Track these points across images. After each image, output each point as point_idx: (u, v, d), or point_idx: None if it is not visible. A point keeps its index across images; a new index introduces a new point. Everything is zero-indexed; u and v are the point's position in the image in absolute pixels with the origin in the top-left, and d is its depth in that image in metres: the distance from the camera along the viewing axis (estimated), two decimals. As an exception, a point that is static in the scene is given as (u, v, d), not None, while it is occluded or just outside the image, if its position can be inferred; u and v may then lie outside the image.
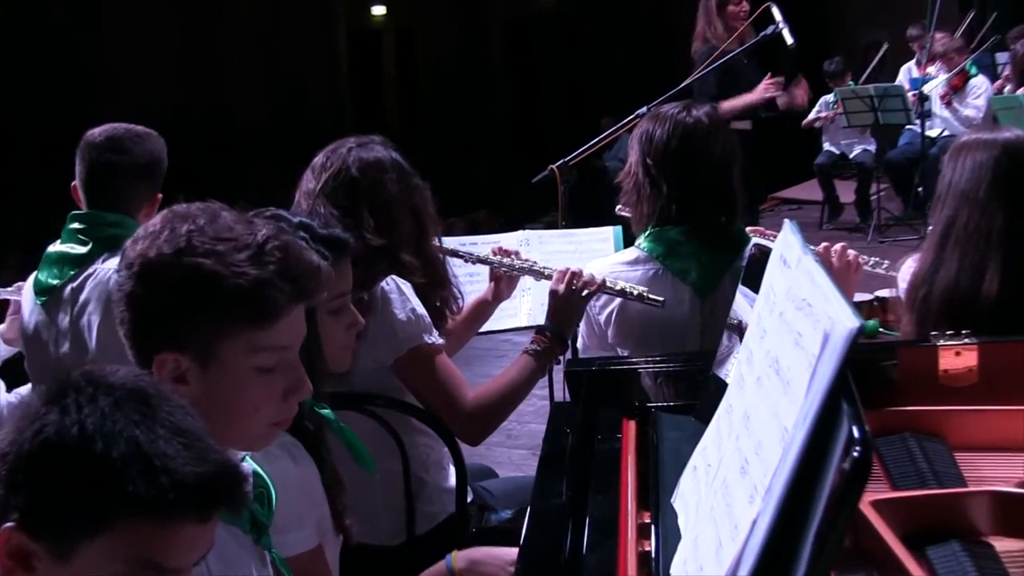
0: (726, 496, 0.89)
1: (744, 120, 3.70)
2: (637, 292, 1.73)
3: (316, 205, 1.65)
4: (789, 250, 0.97)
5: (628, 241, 2.00)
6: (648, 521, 1.06)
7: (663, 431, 1.23)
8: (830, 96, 6.43)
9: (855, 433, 0.71)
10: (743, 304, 1.19)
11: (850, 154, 6.56)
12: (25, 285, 1.98)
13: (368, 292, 1.61)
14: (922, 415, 1.21)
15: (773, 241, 1.09)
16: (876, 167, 6.37)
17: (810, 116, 6.45)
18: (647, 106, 2.20)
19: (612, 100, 6.44)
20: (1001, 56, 6.48)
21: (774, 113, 3.80)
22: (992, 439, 1.17)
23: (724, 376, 1.17)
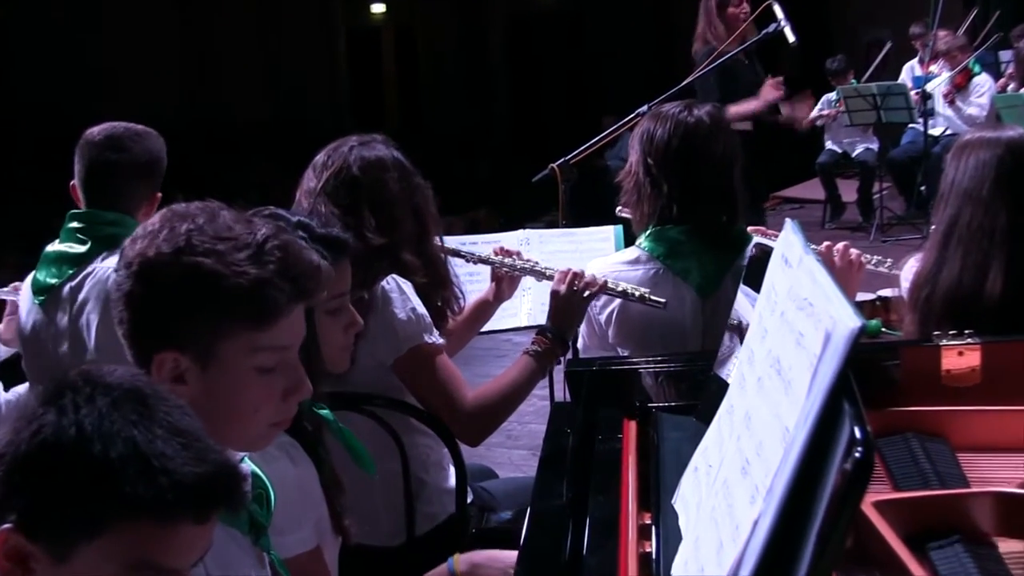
0: (727, 497, 0.89)
1: (745, 121, 3.69)
2: (639, 294, 1.72)
3: (317, 204, 1.64)
4: (791, 249, 0.97)
5: (629, 241, 1.99)
6: (649, 522, 1.06)
7: (664, 431, 1.23)
8: (832, 94, 6.41)
9: (857, 433, 0.71)
10: (744, 304, 1.18)
11: (852, 153, 6.55)
12: (22, 285, 1.97)
13: (368, 291, 1.61)
14: (924, 415, 1.20)
15: (774, 240, 1.09)
16: (878, 166, 6.37)
17: (812, 114, 6.44)
18: (648, 105, 2.19)
19: (613, 98, 6.42)
20: (1004, 54, 6.47)
21: (774, 118, 3.79)
22: (995, 440, 1.17)
23: (725, 376, 1.17)
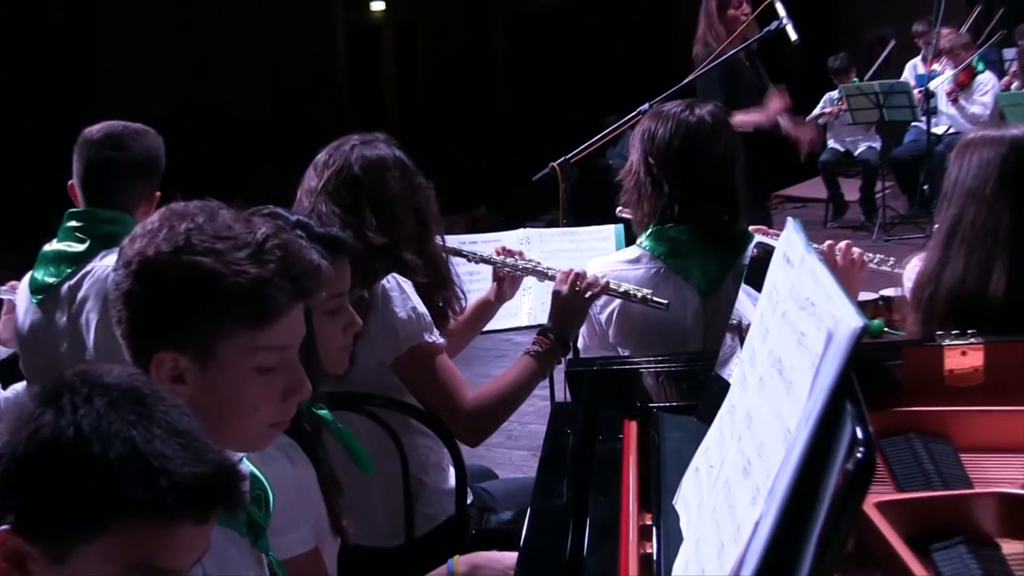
0: (728, 497, 0.88)
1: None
2: (641, 295, 1.71)
3: (318, 203, 1.63)
4: (792, 248, 0.97)
5: (630, 240, 1.98)
6: (650, 523, 1.05)
7: (665, 432, 1.23)
8: (834, 93, 6.40)
9: (858, 434, 0.70)
10: (746, 303, 1.18)
11: (855, 151, 6.54)
12: (19, 284, 1.96)
13: (368, 290, 1.60)
14: (927, 416, 1.20)
15: (776, 240, 1.08)
16: (881, 165, 6.35)
17: (814, 112, 6.43)
18: (649, 103, 2.18)
19: (615, 97, 6.42)
20: (1008, 52, 6.46)
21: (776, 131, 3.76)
22: (998, 440, 1.17)
23: (727, 376, 1.16)
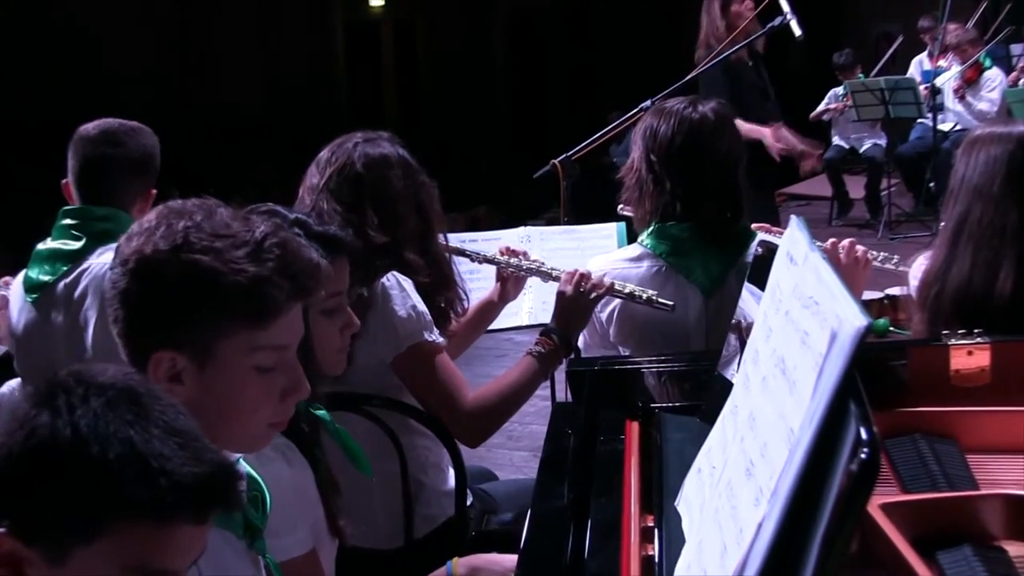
0: (731, 499, 0.88)
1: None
2: (646, 296, 1.70)
3: (319, 200, 1.63)
4: (796, 247, 0.96)
5: (632, 238, 1.97)
6: (651, 524, 1.05)
7: (667, 432, 1.22)
8: (839, 89, 6.37)
9: (863, 434, 0.70)
10: (750, 302, 1.17)
11: (860, 148, 6.51)
12: (12, 283, 1.95)
13: (368, 288, 1.59)
14: (933, 416, 1.19)
15: (779, 238, 1.08)
16: (887, 162, 6.33)
17: (818, 108, 6.40)
18: (651, 100, 2.16)
19: (618, 93, 6.40)
20: (1016, 47, 6.43)
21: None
22: (1005, 441, 1.16)
23: (730, 376, 1.15)
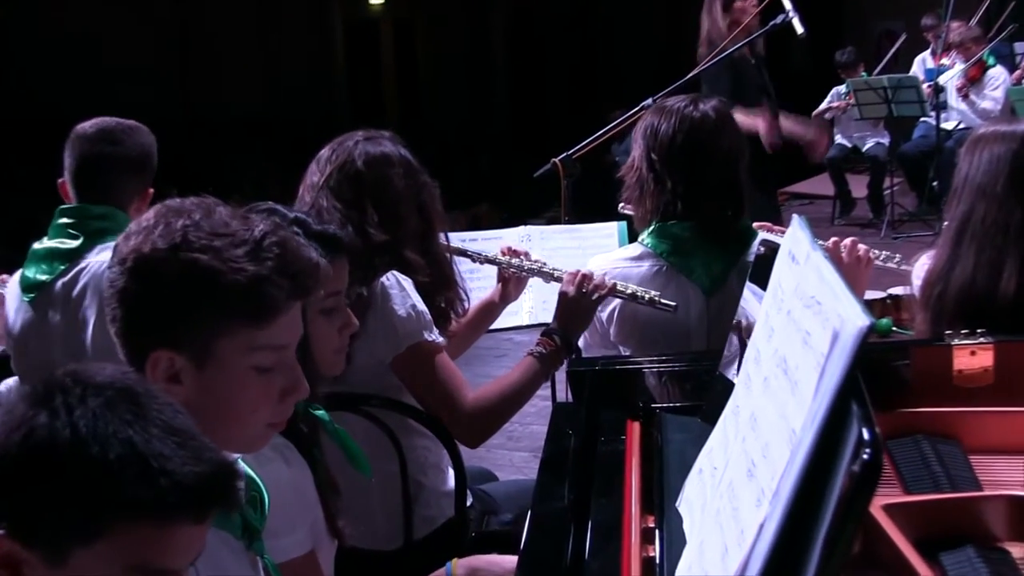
0: (732, 499, 0.87)
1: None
2: (649, 297, 1.69)
3: (319, 197, 1.62)
4: (797, 246, 0.95)
5: (633, 237, 1.96)
6: (652, 526, 1.05)
7: (668, 433, 1.22)
8: (842, 87, 6.35)
9: (865, 435, 0.69)
10: (752, 302, 1.16)
11: (863, 147, 6.49)
12: (9, 282, 1.94)
13: (368, 288, 1.59)
14: (936, 417, 1.19)
15: (781, 237, 1.07)
16: (890, 161, 6.31)
17: (821, 106, 6.38)
18: (652, 98, 2.16)
19: (621, 91, 6.38)
20: (1020, 45, 6.41)
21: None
22: (1008, 441, 1.16)
23: (731, 376, 1.15)
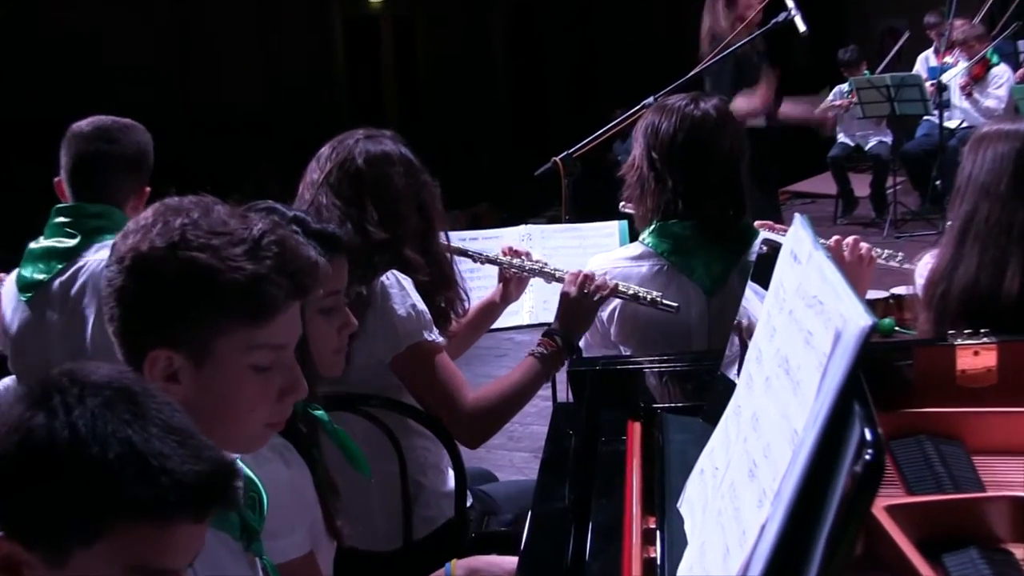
0: (734, 500, 0.87)
1: (758, 119, 3.64)
2: (651, 297, 1.68)
3: (319, 195, 1.62)
4: (799, 245, 0.95)
5: (634, 236, 1.96)
6: (653, 526, 1.04)
7: (669, 433, 1.22)
8: (844, 85, 6.34)
9: (867, 435, 0.69)
10: (753, 301, 1.16)
11: (865, 146, 6.49)
12: (5, 282, 1.94)
13: (367, 287, 1.58)
14: (939, 417, 1.18)
15: (783, 236, 1.07)
16: (892, 159, 6.30)
17: (823, 105, 6.37)
18: (653, 96, 2.15)
19: (617, 90, 6.38)
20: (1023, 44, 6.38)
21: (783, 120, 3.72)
22: (1011, 442, 1.15)
23: (733, 376, 1.14)
